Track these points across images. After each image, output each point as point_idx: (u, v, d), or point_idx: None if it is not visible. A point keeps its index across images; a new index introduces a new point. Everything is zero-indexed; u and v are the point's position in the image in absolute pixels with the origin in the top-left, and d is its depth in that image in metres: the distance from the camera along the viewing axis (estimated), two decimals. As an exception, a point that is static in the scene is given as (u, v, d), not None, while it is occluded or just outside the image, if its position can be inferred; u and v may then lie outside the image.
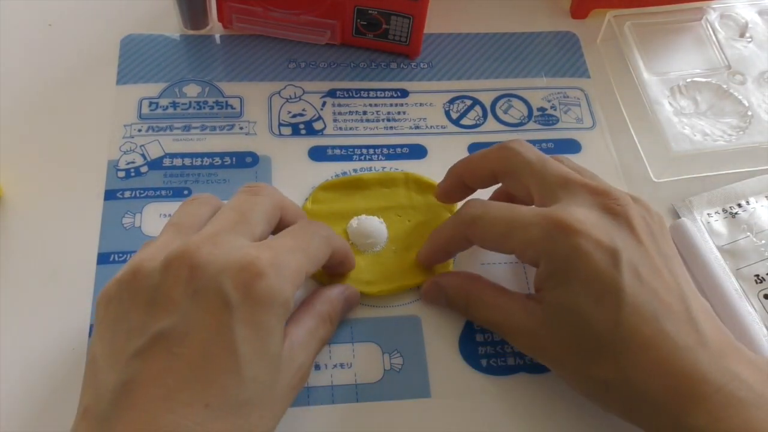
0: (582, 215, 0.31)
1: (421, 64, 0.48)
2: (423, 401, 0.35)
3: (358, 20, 0.46)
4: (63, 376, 0.35)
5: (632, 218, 0.32)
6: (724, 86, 0.45)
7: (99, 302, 0.30)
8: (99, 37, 0.47)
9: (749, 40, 0.47)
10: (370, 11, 0.45)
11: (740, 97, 0.45)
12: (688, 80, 0.45)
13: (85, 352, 0.35)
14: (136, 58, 0.46)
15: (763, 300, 0.39)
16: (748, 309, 0.38)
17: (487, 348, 0.37)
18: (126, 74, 0.45)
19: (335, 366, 0.36)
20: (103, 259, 0.38)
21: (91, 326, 0.36)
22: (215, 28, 0.48)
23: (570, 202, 0.32)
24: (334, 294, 0.35)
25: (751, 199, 0.43)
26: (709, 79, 0.45)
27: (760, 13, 0.49)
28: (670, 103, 0.44)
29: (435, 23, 0.47)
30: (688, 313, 0.30)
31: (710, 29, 0.48)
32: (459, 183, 0.37)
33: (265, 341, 0.28)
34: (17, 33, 0.47)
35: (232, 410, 0.27)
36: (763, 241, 0.41)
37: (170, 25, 0.48)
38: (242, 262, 0.28)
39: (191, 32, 0.48)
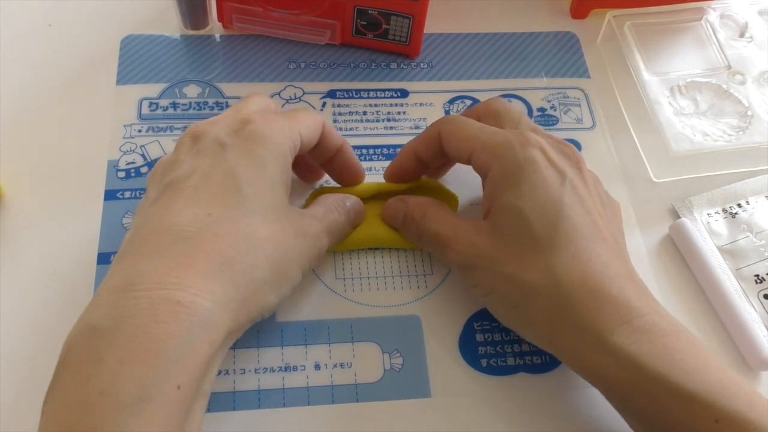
0: (540, 141, 0.34)
1: (421, 64, 0.48)
2: (423, 401, 0.35)
3: (358, 20, 0.46)
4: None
5: (580, 161, 0.35)
6: (724, 86, 0.45)
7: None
8: (99, 38, 0.47)
9: (749, 40, 0.47)
10: (370, 11, 0.45)
11: (740, 97, 0.45)
12: (688, 80, 0.45)
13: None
14: (136, 59, 0.46)
15: (763, 300, 0.39)
16: (748, 309, 0.38)
17: (487, 348, 0.37)
18: (126, 74, 0.45)
19: (335, 366, 0.36)
20: (103, 259, 0.38)
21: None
22: (215, 28, 0.48)
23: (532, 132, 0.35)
24: (336, 195, 0.38)
25: (751, 199, 0.43)
26: (709, 79, 0.45)
27: (760, 13, 0.49)
28: (670, 103, 0.44)
29: (435, 23, 0.47)
30: (619, 249, 0.33)
31: (710, 29, 0.48)
32: (411, 157, 0.38)
33: (261, 169, 0.31)
34: (17, 33, 0.47)
35: (236, 219, 0.30)
36: (763, 241, 0.41)
37: (170, 25, 0.48)
38: (235, 118, 0.33)
39: (191, 32, 0.48)
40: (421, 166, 0.39)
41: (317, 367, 0.36)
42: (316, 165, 0.39)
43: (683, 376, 0.29)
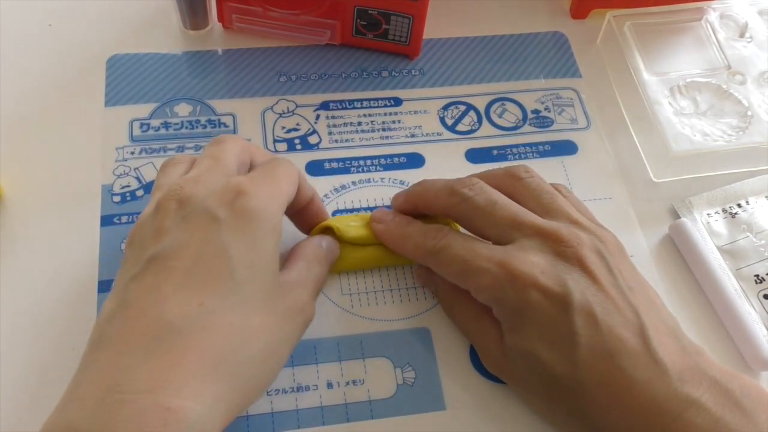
0: (532, 261, 0.32)
1: (413, 71, 0.48)
2: (438, 414, 0.35)
3: (358, 20, 0.46)
4: (63, 376, 0.35)
5: (585, 258, 0.32)
6: (724, 86, 0.45)
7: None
8: (83, 60, 0.46)
9: (749, 40, 0.47)
10: (370, 11, 0.45)
11: (740, 97, 0.45)
12: (688, 80, 0.45)
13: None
14: (123, 79, 0.45)
15: (763, 300, 0.39)
16: (748, 309, 0.39)
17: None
18: (114, 96, 0.45)
19: (347, 383, 0.35)
20: (104, 287, 0.37)
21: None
22: (215, 28, 0.48)
23: (523, 245, 0.32)
24: (312, 241, 0.36)
25: (751, 199, 0.43)
26: (709, 79, 0.45)
27: (760, 13, 0.49)
28: (670, 103, 0.44)
29: (428, 28, 0.46)
30: (645, 345, 0.30)
31: (710, 29, 0.48)
32: (413, 210, 0.38)
33: (255, 249, 0.30)
34: (5, 58, 0.46)
35: (227, 308, 0.28)
36: (763, 241, 0.41)
37: (158, 42, 0.47)
38: (225, 186, 0.31)
39: (191, 32, 0.48)
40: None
41: (330, 385, 0.35)
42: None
43: None
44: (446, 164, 0.43)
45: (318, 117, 0.45)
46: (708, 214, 0.42)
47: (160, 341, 0.26)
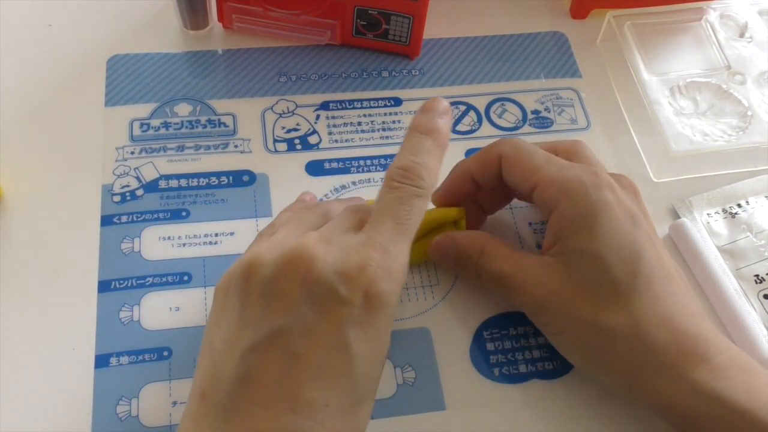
0: (610, 180, 0.34)
1: (413, 71, 0.48)
2: (438, 414, 0.35)
3: (358, 20, 0.46)
4: (62, 376, 0.35)
5: (638, 194, 0.36)
6: (724, 86, 0.45)
7: (217, 291, 0.30)
8: (84, 60, 0.46)
9: (749, 40, 0.47)
10: (370, 11, 0.45)
11: (740, 97, 0.45)
12: (688, 80, 0.45)
13: (86, 353, 0.35)
14: (123, 79, 0.45)
15: (763, 300, 0.39)
16: (748, 309, 0.39)
17: (499, 356, 0.37)
18: (114, 95, 0.45)
19: None
20: (104, 287, 0.37)
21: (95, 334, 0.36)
22: (215, 28, 0.48)
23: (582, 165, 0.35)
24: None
25: (751, 199, 0.43)
26: (709, 79, 0.45)
27: (760, 13, 0.49)
28: (670, 103, 0.44)
29: (428, 28, 0.46)
30: (685, 284, 0.34)
31: (710, 29, 0.48)
32: (467, 179, 0.37)
33: (377, 342, 0.29)
34: (5, 58, 0.46)
35: (349, 408, 0.28)
36: (763, 241, 0.41)
37: (158, 42, 0.47)
38: (359, 264, 0.28)
39: (191, 32, 0.48)
40: (476, 189, 0.37)
41: None
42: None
43: (765, 411, 0.29)
44: (447, 164, 0.42)
45: (318, 117, 0.45)
46: (708, 214, 0.42)
47: None
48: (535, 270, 0.33)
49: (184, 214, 0.40)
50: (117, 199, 0.41)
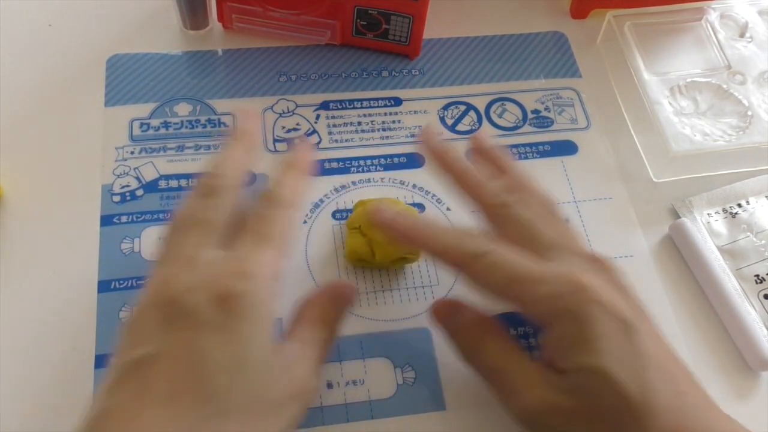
0: (591, 278, 0.31)
1: (413, 71, 0.48)
2: (438, 414, 0.35)
3: (358, 20, 0.46)
4: (62, 376, 0.35)
5: (619, 274, 0.32)
6: (724, 86, 0.45)
7: None
8: (84, 60, 0.46)
9: (749, 40, 0.47)
10: (370, 11, 0.45)
11: (740, 97, 0.45)
12: (688, 80, 0.45)
13: (86, 353, 0.35)
14: (123, 79, 0.45)
15: (763, 300, 0.39)
16: (748, 309, 0.39)
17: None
18: (114, 95, 0.45)
19: (347, 384, 0.35)
20: (103, 287, 0.37)
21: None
22: (215, 28, 0.48)
23: (573, 262, 0.32)
24: (320, 298, 0.34)
25: (751, 199, 0.43)
26: (709, 79, 0.45)
27: (760, 13, 0.49)
28: (670, 103, 0.44)
29: (428, 28, 0.46)
30: (690, 375, 0.31)
31: (710, 29, 0.48)
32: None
33: (243, 349, 0.27)
34: (5, 58, 0.46)
35: (203, 423, 0.26)
36: (763, 241, 0.41)
37: (158, 42, 0.47)
38: (211, 274, 0.28)
39: (191, 32, 0.48)
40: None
41: (329, 385, 0.35)
42: None
43: None
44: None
45: (318, 117, 0.45)
46: (708, 214, 0.42)
47: None
48: (540, 383, 0.31)
49: (184, 214, 0.40)
50: (117, 199, 0.41)
